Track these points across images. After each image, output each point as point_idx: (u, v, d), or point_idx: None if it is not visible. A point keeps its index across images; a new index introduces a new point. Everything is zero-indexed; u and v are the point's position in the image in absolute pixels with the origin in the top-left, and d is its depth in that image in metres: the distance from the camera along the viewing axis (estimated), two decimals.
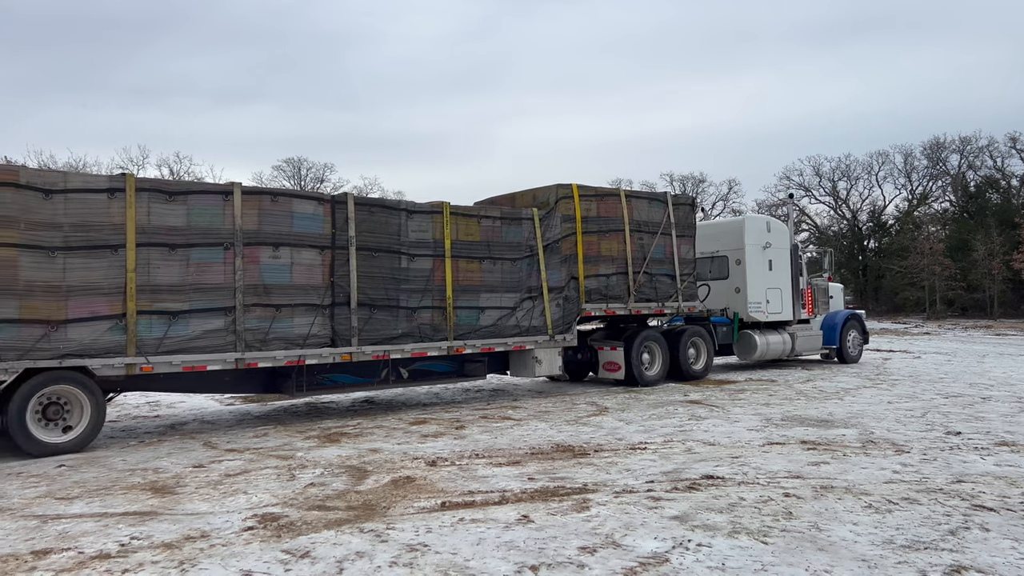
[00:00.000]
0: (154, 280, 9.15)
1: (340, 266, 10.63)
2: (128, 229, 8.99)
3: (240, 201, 9.84)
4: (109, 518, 5.75)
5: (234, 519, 5.64)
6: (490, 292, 12.21)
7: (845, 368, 17.32)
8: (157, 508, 6.02)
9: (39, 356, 8.36)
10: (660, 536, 5.05)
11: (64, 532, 5.39)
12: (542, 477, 6.89)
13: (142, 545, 5.04)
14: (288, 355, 10.11)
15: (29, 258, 8.36)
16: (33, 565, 4.67)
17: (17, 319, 8.25)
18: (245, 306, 9.77)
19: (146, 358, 9.00)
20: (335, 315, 10.56)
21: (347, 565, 4.59)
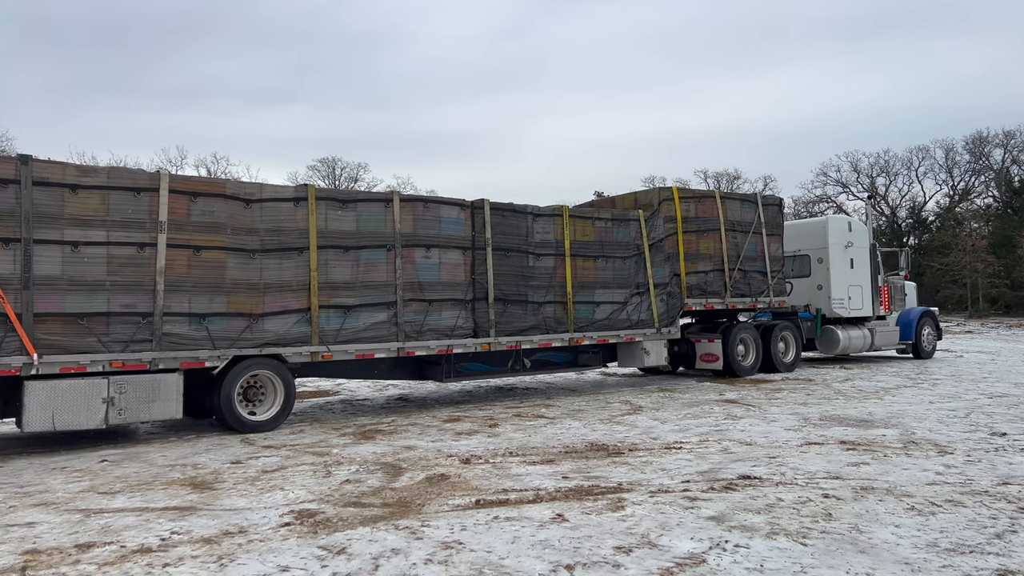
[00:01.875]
0: (331, 278, 10.34)
1: (479, 265, 11.77)
2: (311, 234, 10.20)
3: (398, 208, 11.01)
4: (150, 512, 5.84)
5: (271, 515, 5.70)
6: (603, 288, 13.24)
7: (885, 367, 17.05)
8: (196, 503, 6.11)
9: (244, 345, 9.63)
10: (697, 536, 5.00)
11: (107, 526, 5.49)
12: (576, 476, 6.86)
13: (182, 540, 5.12)
14: (439, 344, 11.27)
15: (234, 259, 9.62)
16: (77, 558, 4.76)
17: (226, 312, 9.51)
18: (404, 301, 10.94)
19: (327, 347, 10.22)
20: (476, 309, 11.73)
21: (383, 562, 4.61)
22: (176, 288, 9.19)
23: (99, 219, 8.78)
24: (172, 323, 9.15)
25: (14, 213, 8.32)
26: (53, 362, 8.40)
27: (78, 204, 8.67)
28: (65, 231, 8.58)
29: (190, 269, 9.30)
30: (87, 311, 8.64)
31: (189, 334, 9.26)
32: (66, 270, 8.55)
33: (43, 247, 8.45)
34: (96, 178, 8.91)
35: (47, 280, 8.45)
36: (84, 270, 8.65)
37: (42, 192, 8.49)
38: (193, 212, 9.38)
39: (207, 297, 9.39)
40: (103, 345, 8.71)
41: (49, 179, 8.56)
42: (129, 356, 8.85)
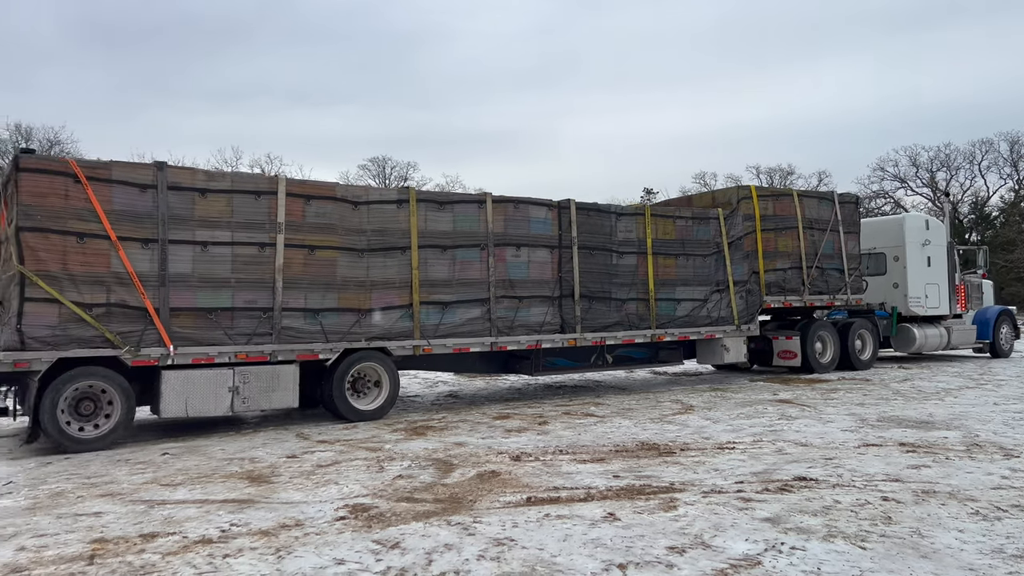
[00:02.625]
0: (430, 276, 10.88)
1: (565, 263, 12.16)
2: (412, 234, 10.75)
3: (491, 209, 11.50)
4: (210, 504, 6.00)
5: (326, 509, 5.81)
6: (684, 285, 13.53)
7: (946, 367, 16.57)
8: (254, 496, 6.25)
9: (353, 338, 10.21)
10: (751, 538, 4.93)
11: (169, 517, 5.65)
12: (627, 475, 6.82)
13: (241, 532, 5.24)
14: (529, 340, 11.73)
15: (345, 258, 10.21)
16: (142, 548, 4.92)
17: (337, 308, 10.11)
18: (496, 298, 11.44)
19: (427, 341, 10.78)
20: (562, 306, 12.12)
21: (436, 557, 4.65)
22: (293, 285, 9.81)
23: (225, 221, 9.44)
24: (290, 318, 9.77)
25: (152, 216, 8.99)
26: (186, 353, 9.05)
27: (206, 207, 9.32)
28: (196, 232, 9.24)
29: (305, 267, 9.92)
30: (215, 306, 9.29)
31: (305, 328, 9.88)
32: (196, 268, 9.21)
33: (177, 247, 9.11)
34: (222, 183, 9.60)
35: (180, 277, 9.11)
36: (212, 268, 9.32)
37: (175, 196, 9.15)
38: (308, 214, 9.99)
39: (320, 293, 10.00)
40: (229, 338, 9.35)
41: (181, 184, 9.22)
42: (252, 348, 9.47)
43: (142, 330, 8.81)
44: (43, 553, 4.84)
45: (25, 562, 4.66)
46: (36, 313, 8.31)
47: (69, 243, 8.52)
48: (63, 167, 8.67)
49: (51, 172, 8.55)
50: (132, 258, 8.83)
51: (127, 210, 8.87)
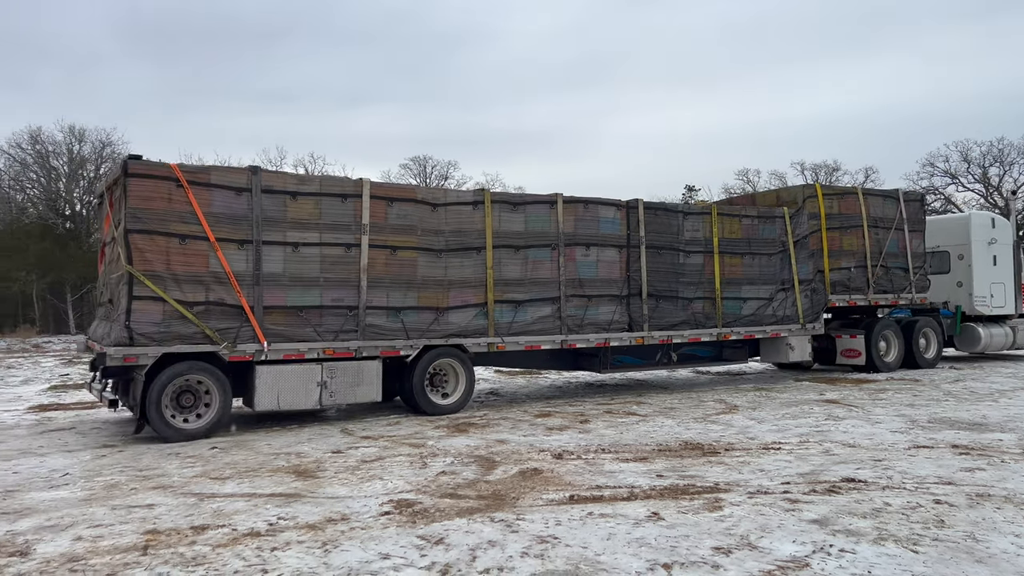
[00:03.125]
0: (504, 275, 11.18)
1: (633, 262, 12.35)
2: (487, 234, 11.06)
3: (561, 209, 11.70)
4: (258, 498, 6.11)
5: (371, 504, 5.87)
6: (750, 284, 13.64)
7: (999, 368, 16.12)
8: (300, 491, 6.35)
9: (432, 335, 10.56)
10: (799, 540, 4.86)
11: (219, 510, 5.77)
12: (671, 475, 6.77)
13: (288, 525, 5.33)
14: (597, 337, 11.92)
15: (424, 258, 10.55)
16: (193, 539, 5.03)
17: (417, 306, 10.47)
18: (566, 296, 11.66)
19: (501, 338, 11.05)
20: (630, 304, 12.31)
21: (480, 553, 4.67)
22: (376, 284, 10.15)
23: (314, 222, 9.79)
24: (373, 315, 10.11)
25: (247, 218, 9.38)
26: (278, 349, 9.43)
27: (297, 209, 9.70)
28: (287, 233, 9.62)
29: (388, 267, 10.27)
30: (305, 304, 9.68)
31: (387, 325, 10.23)
32: (288, 268, 9.60)
33: (269, 248, 9.50)
34: (311, 186, 9.95)
35: (272, 277, 9.50)
36: (302, 268, 9.69)
37: (268, 199, 9.54)
38: (390, 216, 10.33)
39: (402, 292, 10.36)
40: (318, 335, 9.71)
41: (274, 187, 9.60)
42: (338, 344, 9.82)
43: (238, 327, 9.21)
44: (99, 543, 4.97)
45: (82, 552, 4.80)
46: (143, 311, 8.74)
47: (172, 244, 8.94)
48: (167, 172, 9.04)
49: (156, 177, 8.94)
50: (229, 258, 9.24)
51: (224, 213, 9.26)
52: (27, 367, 19.74)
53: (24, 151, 40.98)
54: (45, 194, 41.66)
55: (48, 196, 41.49)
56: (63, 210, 41.39)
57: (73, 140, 41.12)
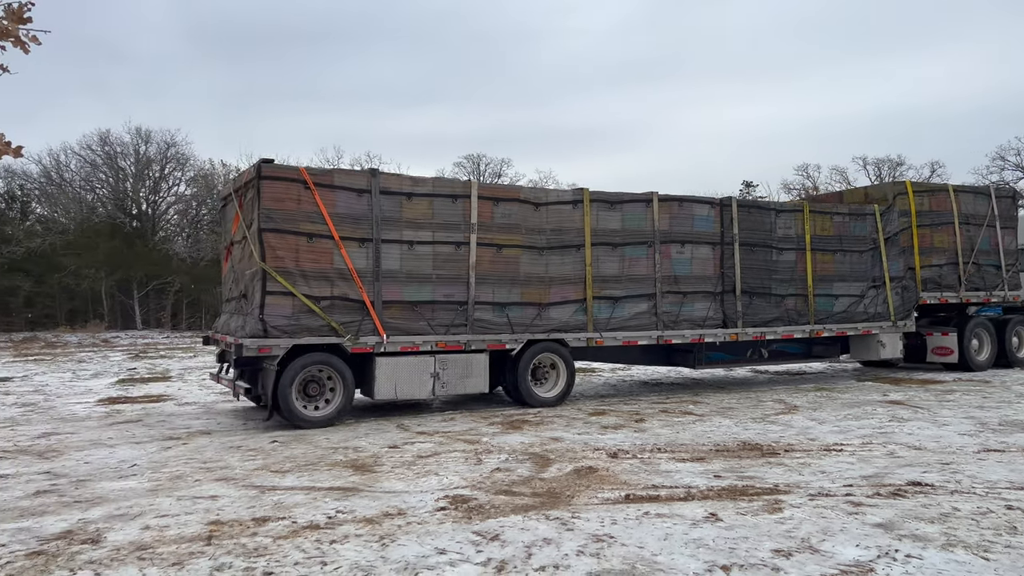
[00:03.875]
0: (601, 272, 11.52)
1: (727, 259, 12.58)
2: (585, 232, 11.41)
3: (657, 207, 12.00)
4: (317, 491, 6.21)
5: (427, 499, 5.92)
6: (841, 281, 13.75)
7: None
8: (358, 485, 6.44)
9: (535, 330, 10.97)
10: (863, 544, 4.73)
11: (279, 502, 5.89)
12: (729, 475, 6.67)
13: (346, 519, 5.41)
14: (692, 334, 12.19)
15: (527, 256, 10.99)
16: (255, 531, 5.14)
17: (521, 302, 10.92)
18: (662, 293, 11.98)
19: (600, 333, 11.42)
20: (724, 301, 12.56)
21: (535, 551, 4.67)
22: (483, 280, 10.65)
23: (427, 222, 10.33)
24: (481, 310, 10.62)
25: (367, 218, 9.93)
26: (396, 341, 9.98)
27: (412, 209, 10.23)
28: (403, 232, 10.16)
29: (493, 264, 10.74)
30: (419, 299, 10.23)
31: (493, 320, 10.71)
32: (403, 265, 10.15)
33: (387, 246, 10.05)
34: (424, 187, 10.43)
35: (390, 273, 10.06)
36: (416, 265, 10.23)
37: (386, 200, 10.07)
38: (496, 215, 10.80)
39: (507, 288, 10.82)
40: (431, 328, 10.26)
41: (391, 188, 10.13)
42: (449, 338, 10.35)
43: (360, 320, 9.76)
44: (165, 532, 5.13)
45: (149, 540, 4.95)
46: (275, 304, 9.35)
47: (300, 242, 9.51)
48: (295, 174, 9.59)
49: (286, 179, 9.51)
50: (352, 256, 9.79)
51: (347, 213, 9.80)
52: (97, 361, 20.47)
53: (94, 152, 42.46)
54: (113, 194, 43.09)
55: (116, 196, 42.90)
56: (130, 209, 42.74)
57: (139, 141, 42.43)
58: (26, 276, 38.20)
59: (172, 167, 43.71)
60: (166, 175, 43.86)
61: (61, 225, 41.46)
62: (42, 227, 41.15)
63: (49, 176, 42.46)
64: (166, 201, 44.59)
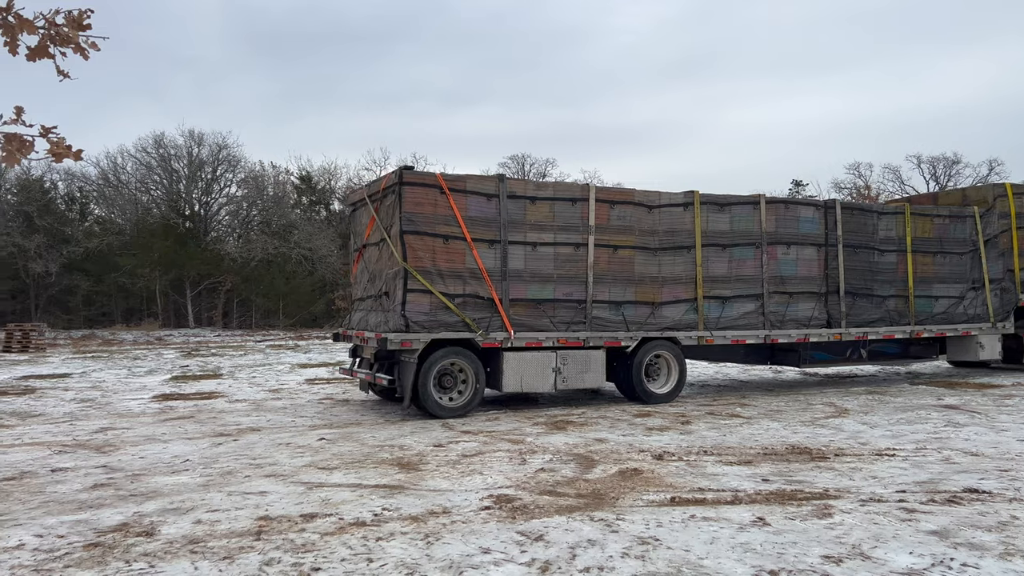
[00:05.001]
0: (711, 273, 11.90)
1: (831, 260, 12.86)
2: (696, 234, 11.79)
3: (764, 209, 12.35)
4: (363, 489, 6.29)
5: (472, 498, 5.94)
6: (940, 283, 14.01)
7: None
8: (404, 483, 6.50)
9: (649, 328, 11.43)
10: (916, 551, 4.61)
11: (326, 499, 5.97)
12: (777, 479, 6.56)
13: (392, 516, 5.46)
14: (798, 333, 12.51)
15: (641, 257, 11.41)
16: (303, 527, 5.23)
17: (635, 301, 11.36)
18: (768, 293, 12.30)
19: (710, 332, 11.80)
20: (828, 301, 12.84)
21: (580, 552, 4.66)
22: (600, 280, 11.09)
23: (548, 224, 10.83)
24: (598, 309, 11.07)
25: (495, 221, 10.51)
26: (521, 337, 10.52)
27: (535, 212, 10.77)
28: (527, 234, 10.70)
29: (609, 265, 11.18)
30: (541, 298, 10.76)
31: (609, 318, 11.16)
32: (527, 265, 10.68)
33: (513, 247, 10.60)
34: (546, 191, 10.99)
35: (516, 273, 10.61)
36: (540, 265, 10.76)
37: (512, 203, 10.64)
38: (612, 217, 11.23)
39: (622, 288, 11.25)
40: (553, 325, 10.77)
41: (516, 193, 10.69)
42: (570, 335, 10.84)
43: (489, 317, 10.37)
44: (216, 527, 5.24)
45: (201, 534, 5.07)
46: (415, 302, 10.00)
47: (437, 244, 10.15)
48: (432, 180, 10.27)
49: (425, 185, 10.18)
50: (482, 256, 10.38)
51: (478, 216, 10.40)
52: (151, 358, 21.02)
53: (149, 155, 43.65)
54: (167, 195, 44.21)
55: (170, 197, 44.01)
56: (183, 210, 43.79)
57: (192, 143, 43.48)
58: (85, 275, 39.44)
59: (224, 169, 44.72)
60: (218, 177, 44.86)
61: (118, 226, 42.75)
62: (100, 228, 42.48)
63: (107, 178, 43.80)
64: (218, 202, 45.63)
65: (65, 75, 4.21)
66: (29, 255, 37.16)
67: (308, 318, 41.18)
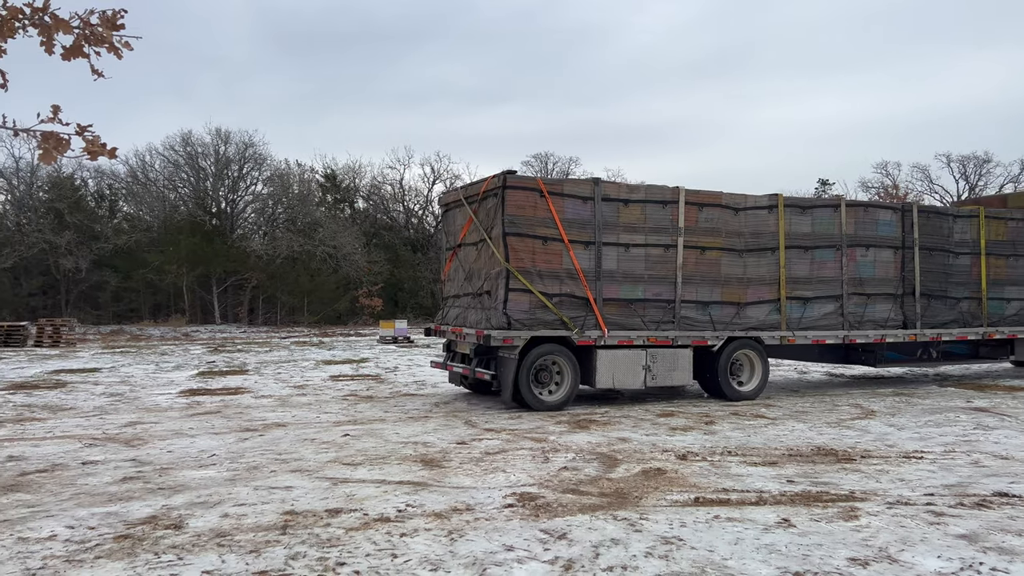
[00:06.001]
0: (793, 274, 12.17)
1: (907, 263, 13.11)
2: (779, 236, 12.05)
3: (844, 212, 12.62)
4: (387, 485, 6.33)
5: (495, 496, 5.96)
6: (1012, 285, 14.26)
7: None
8: (427, 479, 6.53)
9: (734, 328, 11.72)
10: (945, 555, 4.56)
11: (351, 494, 6.02)
12: (802, 480, 6.51)
13: (416, 512, 5.50)
14: (876, 333, 12.80)
15: (727, 258, 11.70)
16: (327, 522, 5.27)
17: (721, 301, 11.66)
18: (847, 295, 12.54)
19: (792, 332, 12.12)
20: (903, 303, 13.11)
21: (603, 551, 4.66)
22: (688, 281, 11.40)
23: (640, 226, 11.14)
24: (686, 308, 11.42)
25: (590, 223, 10.84)
26: (614, 336, 10.87)
27: (628, 215, 11.08)
28: (620, 236, 11.01)
29: (697, 266, 11.47)
30: (632, 298, 11.10)
31: (697, 318, 11.49)
32: (620, 266, 11.01)
33: (607, 248, 10.93)
34: (638, 194, 11.25)
35: (609, 273, 10.95)
36: (631, 266, 11.09)
37: (606, 206, 10.96)
38: (700, 219, 11.51)
39: (708, 288, 11.56)
40: (643, 324, 11.14)
41: (610, 196, 11.02)
42: (659, 333, 11.20)
43: (584, 316, 10.73)
44: (243, 521, 5.30)
45: (228, 528, 5.13)
46: (516, 300, 10.42)
47: (536, 245, 10.56)
48: (533, 184, 10.63)
49: (526, 188, 10.55)
50: (578, 257, 10.73)
51: (574, 218, 10.74)
52: (178, 354, 21.28)
53: (176, 152, 44.16)
54: (194, 193, 44.71)
55: (197, 194, 44.50)
56: (210, 207, 44.27)
57: (219, 142, 43.90)
58: (114, 272, 40.01)
59: (250, 167, 45.10)
60: (244, 175, 45.26)
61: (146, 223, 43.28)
62: (128, 225, 43.03)
63: (135, 176, 44.36)
64: (244, 200, 46.04)
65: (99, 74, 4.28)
66: (60, 251, 37.76)
67: (332, 315, 41.47)
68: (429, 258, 46.28)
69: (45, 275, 39.78)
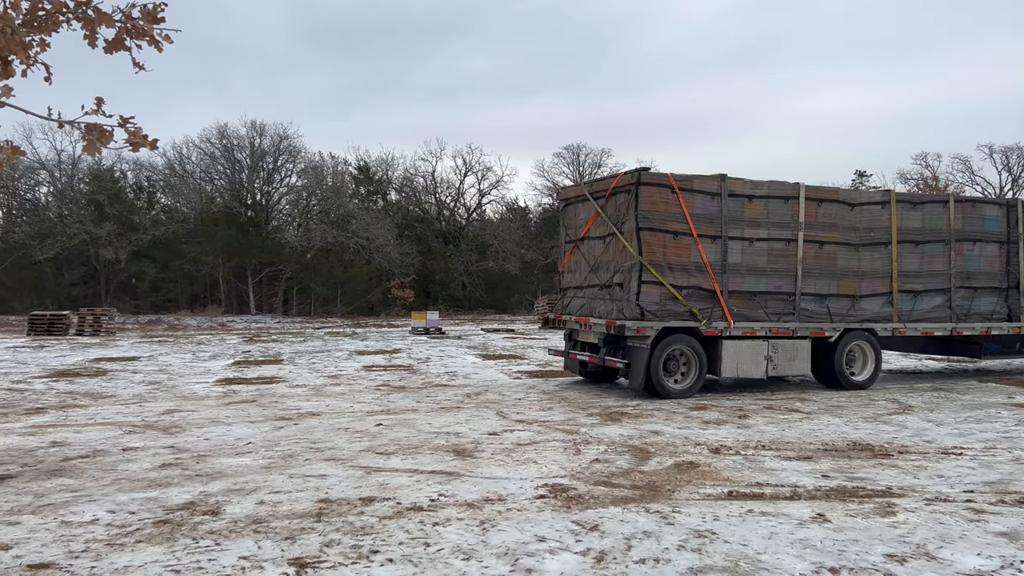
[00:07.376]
0: (904, 268, 12.56)
1: (1011, 257, 13.45)
2: (892, 231, 12.44)
3: (953, 208, 13.00)
4: (420, 474, 6.38)
5: (527, 486, 5.98)
6: None
7: None
8: (459, 469, 6.57)
9: (849, 320, 12.13)
10: (985, 553, 4.48)
11: (384, 483, 6.08)
12: (837, 475, 6.43)
13: (448, 502, 5.53)
14: (981, 326, 13.19)
15: (843, 252, 12.07)
16: (361, 510, 5.33)
17: (837, 294, 12.05)
18: (955, 288, 12.96)
19: (903, 324, 12.51)
20: (1008, 296, 13.47)
21: (635, 543, 4.65)
22: (807, 274, 11.79)
23: (763, 221, 11.54)
24: (805, 301, 11.82)
25: (717, 217, 11.24)
26: (738, 327, 11.31)
27: (751, 210, 11.48)
28: (744, 230, 11.42)
29: (815, 259, 11.85)
30: (756, 290, 11.53)
31: (815, 310, 11.92)
32: (744, 259, 11.44)
33: (732, 242, 11.34)
34: (761, 190, 11.59)
35: (733, 267, 11.36)
36: (755, 260, 11.50)
37: (732, 201, 11.34)
38: (819, 215, 11.89)
39: (826, 281, 11.96)
40: (766, 316, 11.56)
41: (735, 191, 11.36)
42: (780, 325, 11.62)
43: (711, 307, 11.18)
44: (278, 508, 5.38)
45: (264, 515, 5.21)
46: (648, 292, 10.85)
47: (667, 239, 10.94)
48: (665, 180, 10.98)
49: (658, 185, 10.93)
50: (706, 251, 11.12)
51: (702, 213, 11.14)
52: (214, 343, 21.61)
53: (213, 145, 44.77)
54: (230, 185, 45.29)
55: (232, 186, 45.08)
56: (245, 199, 44.85)
57: (255, 134, 44.42)
58: (152, 262, 40.75)
59: (284, 159, 45.58)
60: (279, 167, 45.74)
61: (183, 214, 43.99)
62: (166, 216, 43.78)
63: (173, 168, 45.07)
64: (278, 192, 46.56)
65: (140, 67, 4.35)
66: (100, 242, 38.53)
67: (365, 306, 41.79)
68: (460, 250, 46.39)
69: (86, 265, 40.66)
